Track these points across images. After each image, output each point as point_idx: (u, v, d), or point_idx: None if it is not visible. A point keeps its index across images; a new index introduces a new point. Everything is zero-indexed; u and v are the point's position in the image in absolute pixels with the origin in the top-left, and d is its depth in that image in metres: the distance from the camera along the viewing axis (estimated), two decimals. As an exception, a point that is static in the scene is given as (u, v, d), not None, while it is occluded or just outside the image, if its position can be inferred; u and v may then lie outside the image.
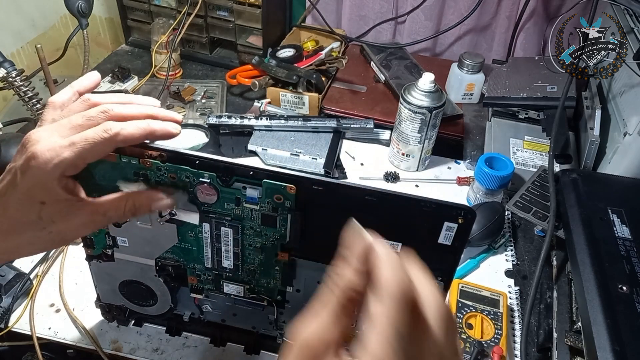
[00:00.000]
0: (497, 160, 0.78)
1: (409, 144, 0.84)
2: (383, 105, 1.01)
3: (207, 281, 0.53)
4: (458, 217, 0.41)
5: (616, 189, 0.72)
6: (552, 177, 0.75)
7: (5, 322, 0.62)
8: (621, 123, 0.77)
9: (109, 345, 0.60)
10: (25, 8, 1.11)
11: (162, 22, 1.09)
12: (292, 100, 0.99)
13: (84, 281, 0.66)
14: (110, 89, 1.03)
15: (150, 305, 0.57)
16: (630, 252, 0.60)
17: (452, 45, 1.20)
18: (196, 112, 0.99)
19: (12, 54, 1.10)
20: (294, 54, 1.04)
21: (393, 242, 0.44)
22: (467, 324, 0.61)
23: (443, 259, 0.44)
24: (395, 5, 1.18)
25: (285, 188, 0.42)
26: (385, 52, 1.14)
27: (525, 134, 0.93)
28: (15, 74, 0.74)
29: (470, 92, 1.03)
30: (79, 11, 0.79)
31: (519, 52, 1.14)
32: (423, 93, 0.79)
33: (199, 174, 0.42)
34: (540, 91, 0.93)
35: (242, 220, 0.46)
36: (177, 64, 1.12)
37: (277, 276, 0.50)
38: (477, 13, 1.11)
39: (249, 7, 1.07)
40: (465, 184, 0.86)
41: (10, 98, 1.05)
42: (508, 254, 0.75)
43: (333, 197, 0.42)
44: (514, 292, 0.69)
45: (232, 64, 1.14)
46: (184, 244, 0.49)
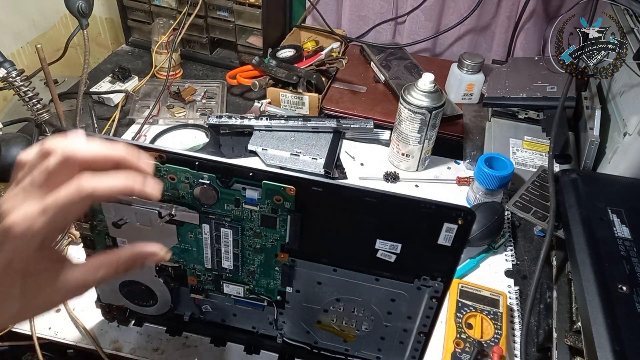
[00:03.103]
0: (496, 160, 0.78)
1: (408, 144, 0.84)
2: (383, 106, 1.01)
3: (207, 282, 0.53)
4: (458, 218, 0.41)
5: (616, 189, 0.72)
6: (551, 177, 0.75)
7: (6, 323, 0.62)
8: (621, 123, 0.77)
9: (109, 345, 0.61)
10: (25, 8, 1.12)
11: (163, 23, 1.09)
12: (292, 101, 0.99)
13: (84, 281, 0.66)
14: (110, 89, 1.03)
15: (151, 305, 0.57)
16: (630, 252, 0.60)
17: (452, 45, 1.20)
18: (196, 112, 0.99)
19: (12, 54, 1.10)
20: (294, 54, 1.04)
21: (393, 243, 0.44)
22: (467, 323, 0.61)
23: (443, 260, 0.44)
24: (395, 5, 1.18)
25: (284, 189, 0.42)
26: (385, 53, 1.14)
27: (525, 134, 0.93)
28: (15, 74, 0.74)
29: (470, 92, 1.03)
30: (79, 11, 0.79)
31: (518, 52, 1.14)
32: (423, 93, 0.79)
33: (198, 175, 0.42)
34: (540, 91, 0.93)
35: (241, 221, 0.46)
36: (178, 64, 1.12)
37: (277, 277, 0.50)
38: (477, 13, 1.11)
39: (249, 7, 1.07)
40: (465, 184, 0.86)
41: (11, 98, 1.05)
42: (508, 254, 0.75)
43: (333, 199, 0.42)
44: (514, 292, 0.69)
45: (233, 64, 1.14)
46: (183, 245, 0.49)
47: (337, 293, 0.50)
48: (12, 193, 0.34)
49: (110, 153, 0.34)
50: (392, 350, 0.53)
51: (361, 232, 0.44)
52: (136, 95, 1.02)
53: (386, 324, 0.51)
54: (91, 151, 0.34)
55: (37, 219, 0.32)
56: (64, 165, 0.33)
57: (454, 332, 0.60)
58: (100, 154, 0.34)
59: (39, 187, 0.33)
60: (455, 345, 0.59)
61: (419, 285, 0.46)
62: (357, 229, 0.44)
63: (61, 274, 0.36)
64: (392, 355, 0.54)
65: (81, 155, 0.33)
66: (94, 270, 0.37)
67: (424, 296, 0.47)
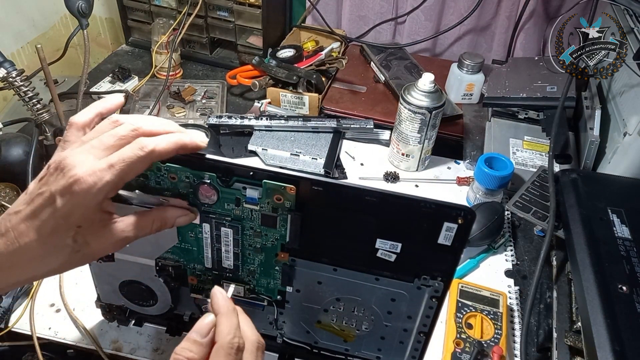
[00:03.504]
0: (496, 160, 0.78)
1: (408, 144, 0.84)
2: (383, 106, 1.01)
3: (207, 281, 0.53)
4: (458, 217, 0.41)
5: (616, 189, 0.72)
6: (551, 177, 0.75)
7: (6, 322, 0.62)
8: (621, 123, 0.77)
9: (109, 345, 0.61)
10: (25, 8, 1.12)
11: (163, 23, 1.09)
12: (292, 101, 0.99)
13: (84, 281, 0.66)
14: (110, 89, 1.04)
15: (151, 305, 0.57)
16: (630, 252, 0.60)
17: (452, 45, 1.20)
18: (196, 112, 0.99)
19: (12, 54, 1.10)
20: (294, 54, 1.04)
21: (393, 242, 0.44)
22: (467, 323, 0.61)
23: (443, 259, 0.44)
24: (395, 5, 1.18)
25: (285, 188, 0.42)
26: (385, 53, 1.14)
27: (525, 134, 0.94)
28: (15, 74, 0.74)
29: (470, 92, 1.03)
30: (79, 11, 0.79)
31: (518, 52, 1.14)
32: (423, 93, 0.79)
33: (199, 175, 0.42)
34: (540, 91, 0.93)
35: (242, 220, 0.46)
36: (178, 64, 1.12)
37: (277, 276, 0.50)
38: (477, 13, 1.11)
39: (249, 7, 1.07)
40: (465, 184, 0.86)
41: (11, 98, 1.05)
42: (508, 254, 0.75)
43: (333, 198, 0.42)
44: (514, 292, 0.69)
45: (233, 64, 1.14)
46: (184, 244, 0.49)
47: (337, 293, 0.50)
48: (76, 149, 0.37)
49: (166, 128, 0.39)
50: (392, 350, 0.53)
51: (361, 232, 0.44)
52: (136, 95, 1.02)
53: (386, 324, 0.51)
54: (153, 125, 0.39)
55: (103, 174, 0.35)
56: (133, 134, 0.37)
57: (454, 332, 0.60)
58: (160, 128, 0.39)
59: (106, 149, 0.36)
60: (455, 345, 0.59)
61: (419, 284, 0.46)
62: (357, 228, 0.44)
63: (108, 226, 0.38)
64: (392, 355, 0.54)
65: (146, 127, 0.38)
66: (134, 227, 0.40)
67: (424, 296, 0.47)
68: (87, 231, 0.37)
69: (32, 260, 0.38)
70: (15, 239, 0.37)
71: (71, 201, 0.35)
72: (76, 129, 0.39)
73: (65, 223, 0.36)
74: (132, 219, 0.40)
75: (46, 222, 0.36)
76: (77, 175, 0.35)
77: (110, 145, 0.37)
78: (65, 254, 0.38)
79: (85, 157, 0.36)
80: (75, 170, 0.35)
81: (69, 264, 0.39)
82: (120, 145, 0.37)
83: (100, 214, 0.37)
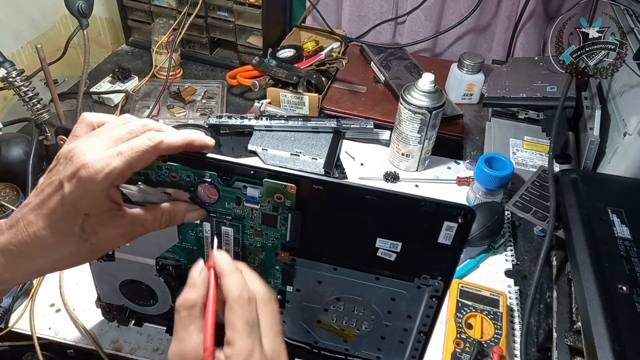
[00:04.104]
0: (496, 160, 0.78)
1: (408, 144, 0.84)
2: (383, 106, 1.01)
3: (208, 281, 0.53)
4: (458, 216, 0.41)
5: (616, 189, 0.72)
6: (551, 177, 0.75)
7: (6, 322, 0.62)
8: (621, 123, 0.77)
9: (109, 345, 0.60)
10: (25, 8, 1.12)
11: (163, 23, 1.09)
12: (292, 101, 0.99)
13: (84, 281, 0.66)
14: (110, 89, 1.03)
15: (151, 305, 0.57)
16: (630, 252, 0.60)
17: (452, 45, 1.20)
18: (196, 112, 0.99)
19: (12, 54, 1.10)
20: (294, 54, 1.04)
21: (393, 241, 0.44)
22: (467, 323, 0.61)
23: (443, 259, 0.44)
24: (395, 5, 1.18)
25: (285, 187, 0.42)
26: (385, 53, 1.14)
27: (525, 134, 0.94)
28: (15, 74, 0.74)
29: (470, 92, 1.03)
30: (79, 11, 0.79)
31: (518, 52, 1.14)
32: (423, 93, 0.79)
33: (200, 174, 0.42)
34: (540, 91, 0.93)
35: (242, 219, 0.46)
36: (178, 64, 1.12)
37: (277, 275, 0.50)
38: (477, 13, 1.11)
39: (249, 7, 1.07)
40: (465, 184, 0.86)
41: (11, 98, 1.05)
42: (508, 254, 0.75)
43: (333, 197, 0.42)
44: (514, 292, 0.69)
45: (233, 64, 1.14)
46: (184, 244, 0.49)
47: (338, 292, 0.50)
48: (86, 140, 0.38)
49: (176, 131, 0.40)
50: (392, 350, 0.53)
51: (361, 231, 0.44)
52: (136, 95, 1.02)
53: (386, 324, 0.51)
54: (162, 127, 0.40)
55: (111, 160, 0.36)
56: (143, 129, 0.39)
57: (454, 332, 0.60)
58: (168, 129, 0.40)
59: (115, 140, 0.37)
60: (455, 345, 0.59)
61: (419, 284, 0.46)
62: (357, 227, 0.44)
63: (116, 217, 0.39)
64: (392, 354, 0.54)
65: (156, 126, 0.40)
66: (142, 219, 0.40)
67: (424, 295, 0.47)
68: (95, 220, 0.38)
69: (40, 249, 0.38)
70: (24, 228, 0.37)
71: (79, 187, 0.36)
72: (86, 125, 0.40)
73: (73, 210, 0.37)
74: (140, 211, 0.40)
75: (54, 210, 0.37)
76: (85, 160, 0.35)
77: (119, 138, 0.38)
78: (73, 243, 0.38)
79: (94, 145, 0.37)
80: (84, 157, 0.36)
81: (77, 254, 0.39)
82: (129, 139, 0.38)
83: (108, 202, 0.38)
